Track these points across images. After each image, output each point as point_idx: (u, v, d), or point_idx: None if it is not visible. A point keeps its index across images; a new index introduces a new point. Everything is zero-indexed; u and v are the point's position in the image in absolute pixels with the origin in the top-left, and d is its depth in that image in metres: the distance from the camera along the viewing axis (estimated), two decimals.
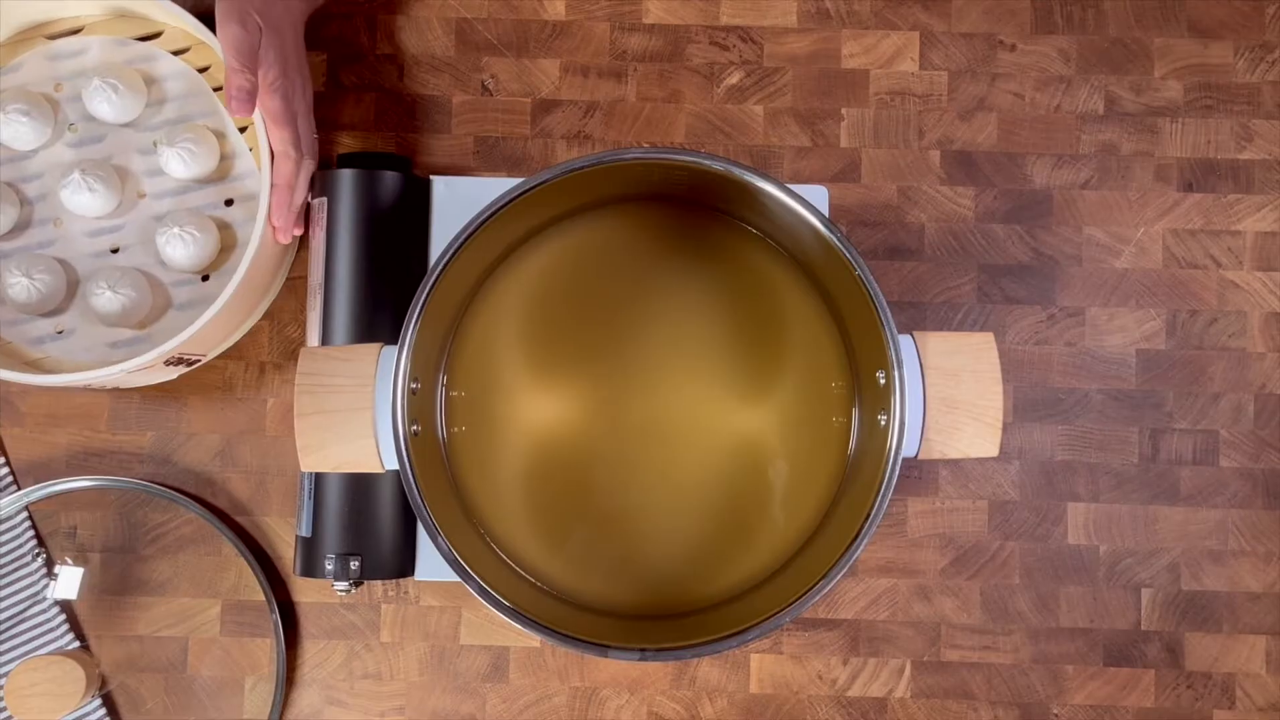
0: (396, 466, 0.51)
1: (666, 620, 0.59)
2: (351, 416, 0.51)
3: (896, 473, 0.51)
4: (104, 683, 0.64)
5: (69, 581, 0.65)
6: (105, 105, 0.61)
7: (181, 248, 0.60)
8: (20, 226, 0.62)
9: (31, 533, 0.65)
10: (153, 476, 0.66)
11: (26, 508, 0.65)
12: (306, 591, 0.66)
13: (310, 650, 0.66)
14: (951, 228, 0.68)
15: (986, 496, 0.66)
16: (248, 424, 0.67)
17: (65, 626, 0.64)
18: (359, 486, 0.60)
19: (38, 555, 0.65)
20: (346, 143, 0.68)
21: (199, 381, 0.67)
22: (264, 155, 0.59)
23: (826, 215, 0.54)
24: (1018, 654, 0.65)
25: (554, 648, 0.65)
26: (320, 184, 0.62)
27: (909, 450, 0.52)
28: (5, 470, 0.66)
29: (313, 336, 0.62)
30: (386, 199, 0.61)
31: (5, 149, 0.63)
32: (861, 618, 0.66)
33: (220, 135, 0.63)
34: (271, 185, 0.59)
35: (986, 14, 0.69)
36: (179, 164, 0.61)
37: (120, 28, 0.64)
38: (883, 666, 0.65)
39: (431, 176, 0.64)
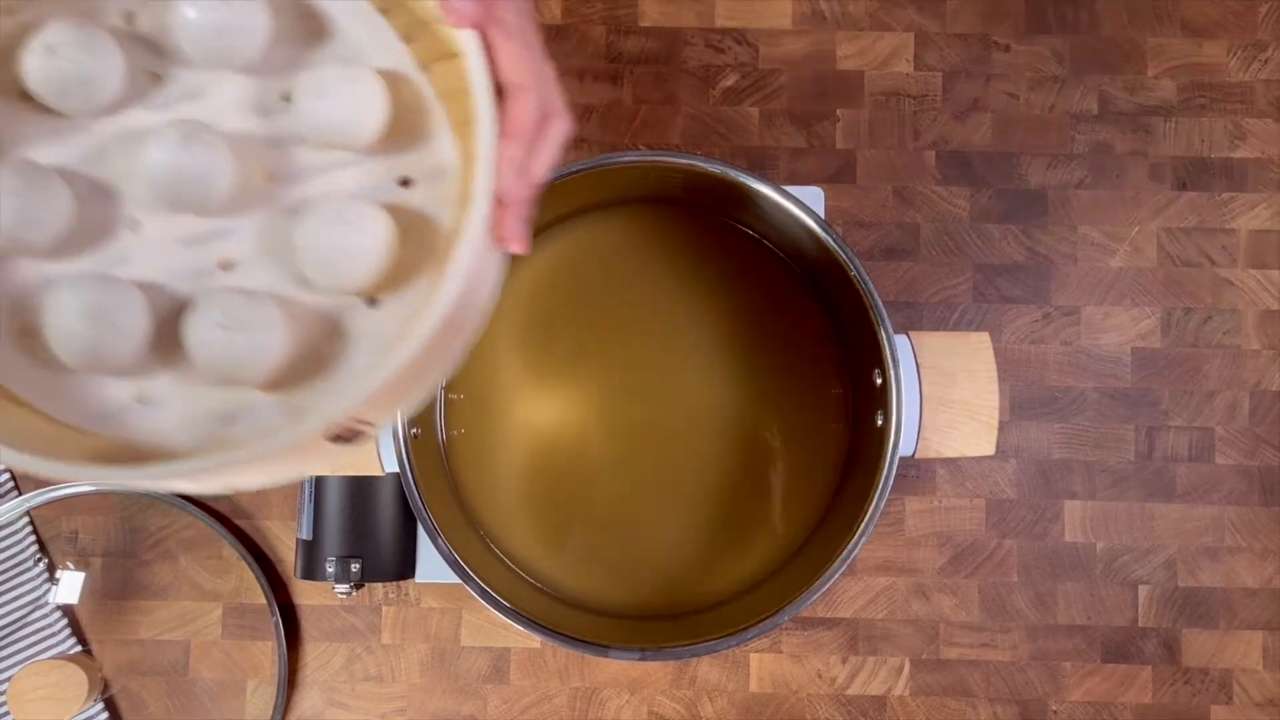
0: (396, 469, 0.51)
1: (666, 620, 0.59)
2: None
3: (894, 472, 0.52)
4: (106, 686, 0.64)
5: (70, 586, 0.65)
6: (207, 32, 0.38)
7: (338, 244, 0.37)
8: (76, 235, 0.38)
9: (33, 538, 0.66)
10: None
11: (28, 513, 0.66)
12: (307, 594, 0.66)
13: (311, 652, 0.66)
14: (947, 228, 0.68)
15: (984, 495, 0.67)
16: None
17: (67, 631, 0.65)
18: (359, 489, 0.60)
19: (39, 560, 0.65)
20: None
21: None
22: (480, 93, 0.35)
23: (822, 216, 0.54)
24: (1016, 651, 0.66)
25: (554, 648, 0.65)
26: None
27: (906, 449, 0.52)
28: (6, 476, 0.66)
29: None
30: None
31: (49, 111, 0.38)
32: (860, 616, 0.66)
33: (394, 78, 0.39)
34: (502, 135, 0.36)
35: (980, 15, 0.69)
36: (326, 114, 0.38)
37: None
38: (881, 665, 0.66)
39: None
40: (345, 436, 0.36)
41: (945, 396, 0.53)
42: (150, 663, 0.65)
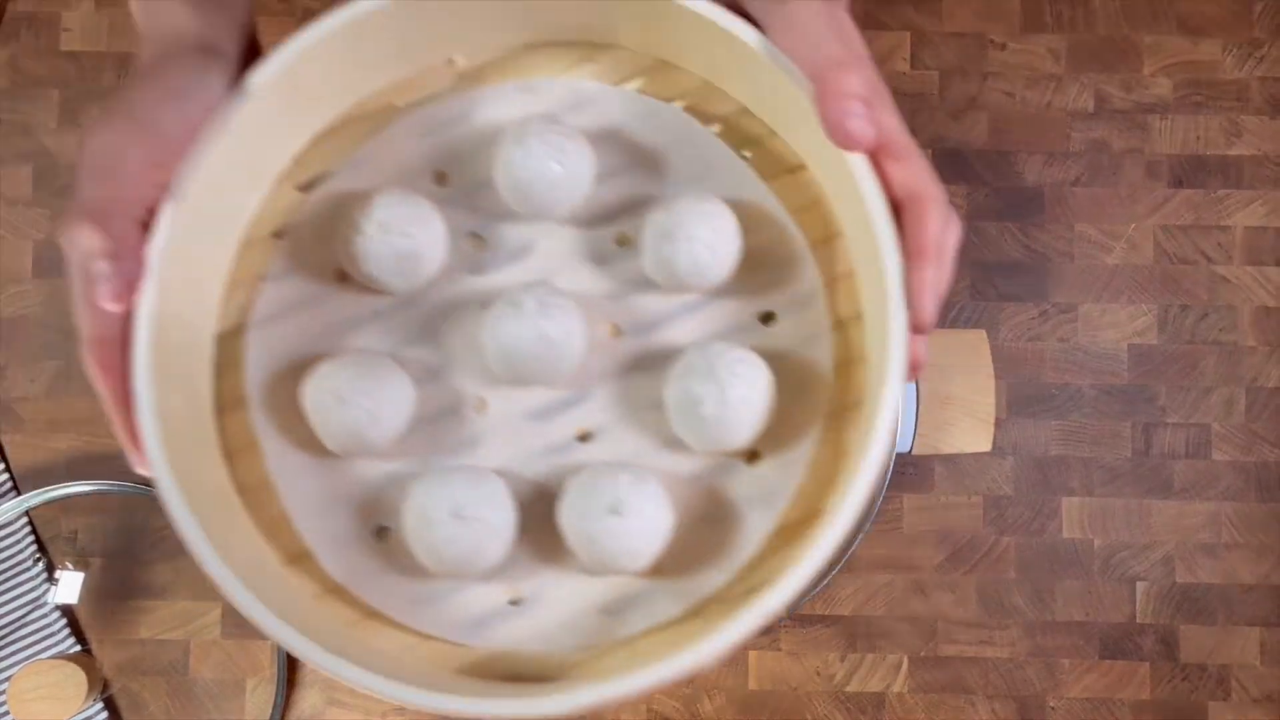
0: None
1: None
2: None
3: (891, 469, 0.52)
4: (106, 686, 0.64)
5: (70, 586, 0.65)
6: (541, 184, 0.33)
7: (716, 401, 0.32)
8: (418, 421, 0.34)
9: (32, 538, 0.66)
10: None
11: (27, 513, 0.66)
12: None
13: None
14: None
15: (981, 492, 0.67)
16: None
17: (66, 631, 0.65)
18: None
19: (38, 560, 0.65)
20: None
21: None
22: (878, 216, 0.31)
23: None
24: (1014, 648, 0.66)
25: None
26: None
27: (903, 446, 0.53)
28: (5, 476, 0.66)
29: None
30: None
31: (370, 290, 0.35)
32: (859, 613, 0.66)
33: (739, 204, 0.35)
34: (907, 257, 0.30)
35: (977, 14, 0.70)
36: (678, 255, 0.33)
37: (535, 63, 0.36)
38: (880, 662, 0.66)
39: None
40: (773, 625, 0.31)
41: (943, 394, 0.53)
42: (150, 662, 0.65)
